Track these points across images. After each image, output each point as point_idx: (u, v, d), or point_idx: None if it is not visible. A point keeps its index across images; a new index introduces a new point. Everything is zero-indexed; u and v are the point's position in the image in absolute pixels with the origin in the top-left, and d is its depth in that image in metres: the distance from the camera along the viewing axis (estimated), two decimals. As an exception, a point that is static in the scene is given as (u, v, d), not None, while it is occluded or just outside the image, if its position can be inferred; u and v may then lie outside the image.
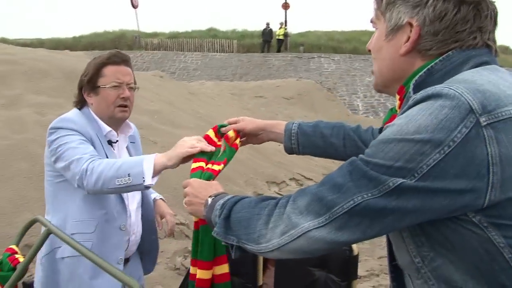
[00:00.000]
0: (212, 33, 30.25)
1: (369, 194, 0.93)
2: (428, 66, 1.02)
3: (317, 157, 1.77)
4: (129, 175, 1.76)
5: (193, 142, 1.77)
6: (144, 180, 1.75)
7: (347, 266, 1.92)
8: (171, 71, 23.17)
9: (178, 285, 2.83)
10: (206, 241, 1.55)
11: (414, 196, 0.91)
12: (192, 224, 1.62)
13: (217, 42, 28.21)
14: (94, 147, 2.00)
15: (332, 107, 19.32)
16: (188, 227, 5.11)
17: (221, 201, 1.18)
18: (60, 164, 1.94)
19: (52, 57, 8.88)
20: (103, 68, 2.08)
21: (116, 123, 2.16)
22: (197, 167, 1.60)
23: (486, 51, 1.04)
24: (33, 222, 1.81)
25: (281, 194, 6.99)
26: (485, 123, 0.88)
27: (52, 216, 1.98)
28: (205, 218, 1.25)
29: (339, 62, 23.98)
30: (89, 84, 2.10)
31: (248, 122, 1.75)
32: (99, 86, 2.08)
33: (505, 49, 32.59)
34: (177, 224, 5.06)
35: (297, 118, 17.00)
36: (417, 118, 0.90)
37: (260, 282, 2.32)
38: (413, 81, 1.03)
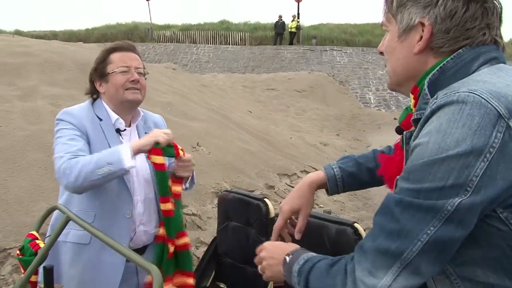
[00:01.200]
0: (225, 26, 30.24)
1: (432, 228, 0.92)
2: (441, 65, 1.05)
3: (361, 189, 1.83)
4: (108, 163, 1.84)
5: (162, 134, 1.97)
6: (124, 164, 1.84)
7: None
8: (183, 63, 23.24)
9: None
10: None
11: (473, 212, 0.92)
12: (203, 215, 1.68)
13: (229, 35, 28.21)
14: (89, 139, 2.06)
15: (344, 100, 19.29)
16: (200, 217, 5.17)
17: (297, 267, 1.15)
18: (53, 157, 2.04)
19: (65, 49, 8.96)
20: (110, 55, 2.13)
21: (129, 107, 2.18)
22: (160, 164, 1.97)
23: (494, 47, 1.06)
24: (52, 209, 1.88)
25: (292, 187, 7.02)
26: None
27: (60, 196, 2.11)
28: (285, 279, 1.21)
29: (352, 55, 23.89)
30: (98, 73, 2.14)
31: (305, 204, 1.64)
32: (108, 73, 2.11)
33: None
34: (188, 215, 5.13)
35: (309, 110, 17.00)
36: (451, 132, 0.91)
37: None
38: (427, 79, 1.05)
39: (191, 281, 2.10)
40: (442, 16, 1.04)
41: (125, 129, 2.17)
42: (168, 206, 2.04)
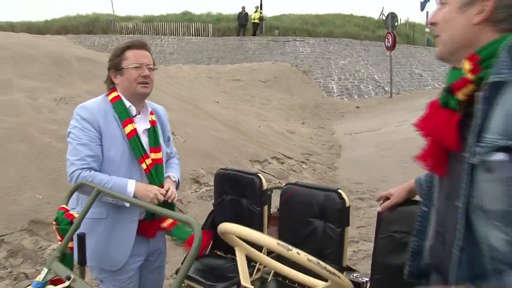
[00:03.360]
0: (188, 17, 30.03)
1: None
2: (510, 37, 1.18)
3: None
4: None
5: (154, 196, 2.30)
6: (124, 205, 2.25)
7: (341, 215, 2.33)
8: (148, 54, 23.11)
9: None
10: None
11: None
12: (184, 200, 1.99)
13: (192, 26, 28.12)
14: (101, 131, 2.34)
15: (308, 89, 19.73)
16: (181, 202, 5.45)
17: None
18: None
19: (36, 42, 9.01)
20: (126, 51, 2.41)
21: (139, 98, 2.47)
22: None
23: None
24: (79, 185, 2.14)
25: (264, 172, 7.37)
26: None
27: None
28: None
29: (314, 46, 24.34)
30: (115, 66, 2.43)
31: (398, 193, 1.95)
32: (123, 68, 2.40)
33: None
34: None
35: (274, 100, 17.35)
36: None
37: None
38: (506, 46, 1.18)
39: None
40: None
41: (136, 115, 2.46)
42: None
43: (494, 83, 1.16)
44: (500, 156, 1.13)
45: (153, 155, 2.45)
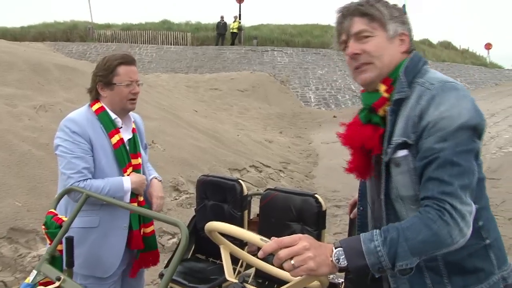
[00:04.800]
0: (166, 26, 30.01)
1: (474, 163, 1.41)
2: (407, 62, 1.52)
3: None
4: (114, 197, 2.30)
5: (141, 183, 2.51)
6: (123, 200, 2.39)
7: (318, 218, 2.46)
8: (126, 63, 23.03)
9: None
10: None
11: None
12: (164, 208, 2.10)
13: (171, 35, 28.17)
14: (91, 141, 2.41)
15: (286, 99, 19.92)
16: (161, 209, 5.52)
17: (377, 242, 1.29)
18: (58, 165, 2.42)
19: (15, 49, 8.97)
20: (118, 67, 2.45)
21: (123, 113, 2.55)
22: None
23: (422, 57, 1.61)
24: (68, 190, 2.21)
25: (243, 180, 7.47)
26: None
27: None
28: (340, 266, 1.28)
29: (292, 55, 24.60)
30: (105, 81, 2.47)
31: None
32: (114, 83, 2.45)
33: (448, 44, 34.17)
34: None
35: (252, 109, 17.49)
36: (464, 106, 1.38)
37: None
38: (402, 72, 1.50)
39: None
40: (410, 30, 1.58)
41: (121, 127, 2.53)
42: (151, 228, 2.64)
43: (398, 99, 1.48)
44: (403, 153, 1.45)
45: (133, 161, 2.54)
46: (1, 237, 4.43)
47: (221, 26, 27.06)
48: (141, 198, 2.57)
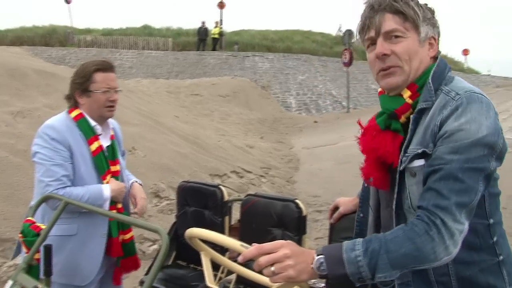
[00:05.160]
0: (147, 31, 29.92)
1: (481, 183, 1.34)
2: (434, 68, 1.44)
3: None
4: (93, 205, 2.24)
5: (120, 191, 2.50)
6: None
7: (298, 224, 2.47)
8: (106, 68, 22.87)
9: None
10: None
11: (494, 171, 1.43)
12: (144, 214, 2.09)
13: (152, 40, 28.09)
14: (71, 148, 2.38)
15: (267, 104, 19.97)
16: (142, 216, 5.47)
17: (358, 251, 1.27)
18: (36, 173, 2.38)
19: (-8, 55, 8.83)
20: (94, 74, 2.41)
21: (102, 120, 2.52)
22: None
23: (447, 63, 1.52)
24: (46, 197, 2.17)
25: (224, 186, 7.46)
26: None
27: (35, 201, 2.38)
28: (320, 273, 1.27)
29: (273, 61, 24.69)
30: (82, 88, 2.43)
31: (345, 206, 2.11)
32: (91, 91, 2.42)
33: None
34: (131, 213, 5.42)
35: (233, 115, 17.48)
36: (482, 122, 1.31)
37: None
38: (430, 79, 1.42)
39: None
40: (439, 34, 1.50)
41: (101, 134, 2.51)
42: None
43: (423, 109, 1.41)
44: (420, 162, 1.38)
45: (111, 168, 2.53)
46: (-22, 245, 4.36)
47: (202, 32, 27.07)
48: (120, 205, 2.54)
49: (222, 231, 2.77)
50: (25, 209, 2.21)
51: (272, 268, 1.23)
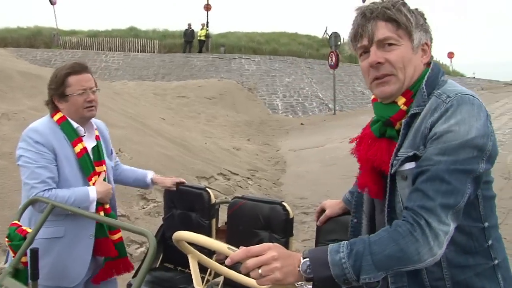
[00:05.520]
0: (133, 33, 29.74)
1: (469, 185, 1.33)
2: (428, 73, 1.43)
3: None
4: (79, 207, 2.28)
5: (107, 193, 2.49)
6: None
7: (285, 226, 2.48)
8: (92, 70, 22.69)
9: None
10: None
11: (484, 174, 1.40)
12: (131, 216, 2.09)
13: (138, 42, 27.95)
14: (55, 151, 2.39)
15: (253, 106, 19.99)
16: (129, 218, 5.46)
17: (343, 254, 1.28)
18: (21, 176, 2.38)
19: (-24, 56, 8.74)
20: (68, 78, 2.43)
21: (84, 121, 2.53)
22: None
23: (441, 68, 1.51)
24: (32, 201, 2.18)
25: (211, 188, 7.45)
26: None
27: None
28: (306, 276, 1.27)
29: (259, 63, 24.74)
30: (58, 93, 2.46)
31: (332, 209, 2.10)
32: (68, 95, 2.44)
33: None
34: (118, 216, 5.41)
35: (219, 117, 17.48)
36: (472, 124, 1.30)
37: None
38: (423, 84, 1.41)
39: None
40: (432, 39, 1.48)
41: (84, 135, 2.52)
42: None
43: (415, 113, 1.41)
44: (411, 165, 1.38)
45: (97, 169, 2.54)
46: (-39, 249, 4.32)
47: (189, 34, 27.03)
48: (107, 206, 2.55)
49: (209, 234, 2.78)
50: (11, 212, 2.21)
51: (259, 271, 1.24)
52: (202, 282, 2.74)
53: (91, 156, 2.53)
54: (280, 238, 2.46)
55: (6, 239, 2.08)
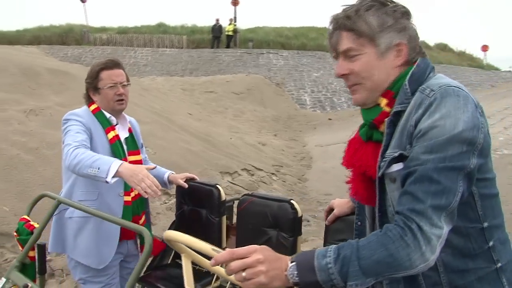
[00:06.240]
0: (162, 29, 30.04)
1: (461, 183, 1.25)
2: (412, 70, 1.36)
3: None
4: (98, 168, 2.26)
5: (142, 180, 2.24)
6: (106, 176, 2.25)
7: (293, 225, 2.44)
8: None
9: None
10: None
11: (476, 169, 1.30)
12: (153, 211, 2.08)
13: (166, 38, 28.19)
14: (92, 134, 2.58)
15: (281, 101, 19.91)
16: (151, 213, 5.51)
17: (330, 258, 1.22)
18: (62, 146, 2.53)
19: (7, 53, 8.98)
20: (100, 73, 2.67)
21: (117, 113, 2.75)
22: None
23: (430, 63, 1.43)
24: (41, 196, 2.21)
25: (234, 184, 7.46)
26: None
27: (64, 185, 2.60)
28: (293, 281, 1.23)
29: (287, 58, 24.62)
30: (92, 86, 2.70)
31: (340, 208, 2.07)
32: (100, 88, 2.67)
33: (444, 46, 34.27)
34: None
35: (247, 112, 17.48)
36: (459, 116, 1.22)
37: (224, 245, 2.85)
38: (407, 81, 1.35)
39: None
40: (412, 36, 1.39)
41: (117, 124, 2.73)
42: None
43: (398, 111, 1.35)
44: (398, 166, 1.32)
45: (132, 158, 2.71)
46: (-14, 241, 4.42)
47: (216, 29, 27.10)
48: (134, 193, 2.67)
49: (219, 231, 2.77)
50: (36, 207, 2.29)
51: (243, 274, 1.20)
52: (212, 280, 2.74)
53: (124, 145, 2.72)
54: (288, 237, 2.42)
55: (15, 233, 2.11)
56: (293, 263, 1.23)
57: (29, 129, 6.22)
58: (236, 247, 1.27)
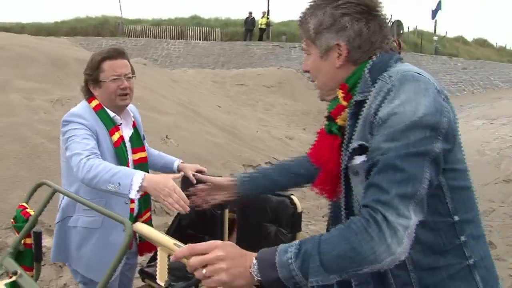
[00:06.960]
0: (196, 21, 30.28)
1: (427, 169, 1.18)
2: (375, 60, 1.32)
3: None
4: (119, 184, 2.03)
5: (169, 195, 2.02)
6: (129, 192, 2.03)
7: (293, 220, 2.39)
8: (153, 58, 23.36)
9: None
10: None
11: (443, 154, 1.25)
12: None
13: (200, 30, 28.35)
14: (98, 136, 2.32)
15: (312, 95, 19.67)
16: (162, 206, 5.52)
17: (291, 254, 1.14)
18: (67, 153, 2.28)
19: (38, 44, 9.13)
20: (102, 63, 2.34)
21: (119, 109, 2.46)
22: None
23: (396, 54, 1.38)
24: (40, 184, 2.20)
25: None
26: None
27: (66, 188, 2.38)
28: (258, 278, 1.16)
29: (320, 52, 24.38)
30: (92, 79, 2.38)
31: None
32: (101, 81, 2.35)
33: (483, 42, 33.34)
34: (158, 201, 5.48)
35: (277, 105, 17.39)
36: (420, 101, 1.17)
37: (226, 239, 2.81)
38: (367, 69, 1.31)
39: None
40: (352, 36, 1.32)
41: (121, 123, 2.46)
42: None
43: (360, 101, 1.31)
44: (360, 159, 1.27)
45: (137, 156, 2.48)
46: (7, 227, 4.51)
47: (249, 22, 27.09)
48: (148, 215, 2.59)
49: (221, 224, 2.73)
50: (57, 195, 2.17)
51: (203, 271, 1.15)
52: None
53: (129, 143, 2.48)
54: (287, 233, 2.37)
55: (12, 220, 2.12)
56: (256, 260, 1.16)
57: (55, 118, 6.31)
58: (236, 243, 1.22)
